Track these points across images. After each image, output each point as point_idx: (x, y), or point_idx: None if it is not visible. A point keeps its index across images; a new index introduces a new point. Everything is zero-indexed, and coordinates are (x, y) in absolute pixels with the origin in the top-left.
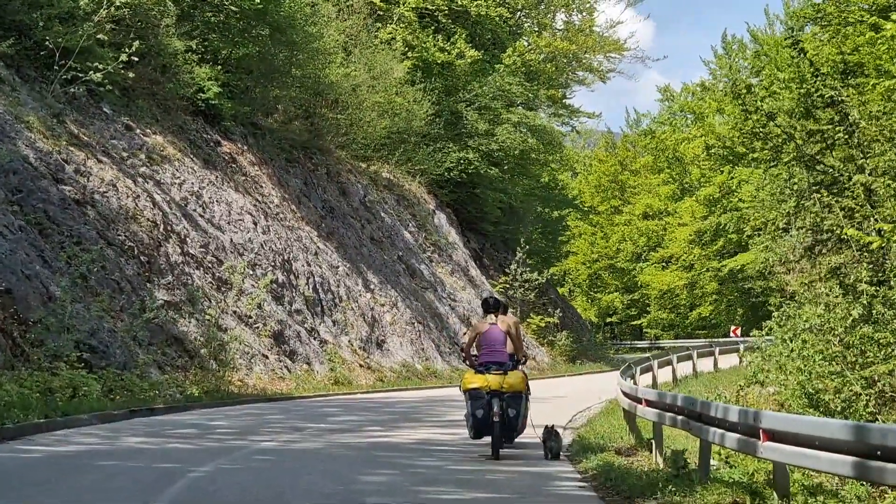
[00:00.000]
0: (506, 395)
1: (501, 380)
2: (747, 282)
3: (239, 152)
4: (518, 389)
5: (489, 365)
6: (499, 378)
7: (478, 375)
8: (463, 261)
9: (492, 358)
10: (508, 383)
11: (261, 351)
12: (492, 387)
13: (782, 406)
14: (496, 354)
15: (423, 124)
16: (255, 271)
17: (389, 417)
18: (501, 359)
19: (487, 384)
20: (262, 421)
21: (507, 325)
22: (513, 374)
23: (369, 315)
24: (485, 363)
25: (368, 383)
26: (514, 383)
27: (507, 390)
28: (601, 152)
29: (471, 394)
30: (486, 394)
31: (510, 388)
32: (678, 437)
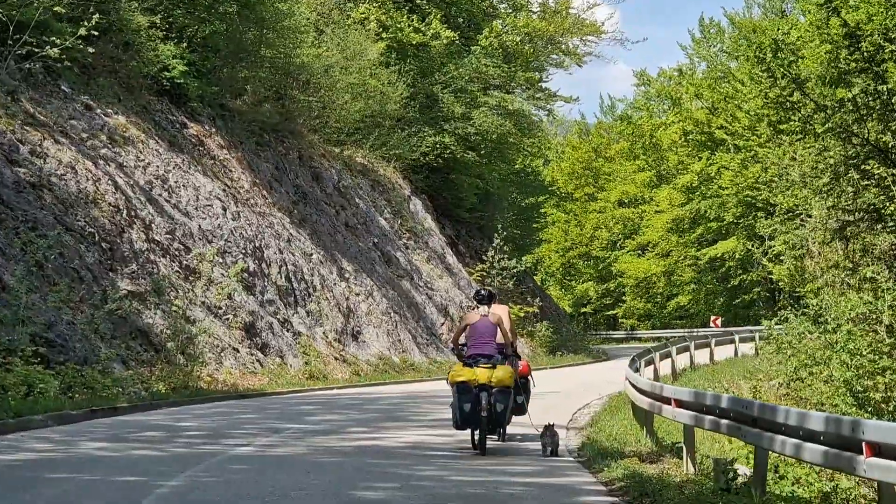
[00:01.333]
0: (494, 389)
1: (490, 374)
2: (730, 271)
3: (206, 135)
4: (506, 384)
5: (477, 358)
6: (487, 372)
7: (466, 368)
8: (439, 248)
9: (480, 351)
10: (497, 378)
11: (231, 344)
12: (480, 381)
13: (822, 405)
14: (485, 347)
15: (398, 107)
16: (224, 259)
17: (372, 416)
18: (490, 351)
19: (475, 378)
20: (235, 421)
21: (497, 317)
22: (501, 369)
23: (344, 305)
24: (473, 356)
25: (344, 377)
26: (502, 377)
27: (495, 385)
28: (574, 139)
29: (458, 387)
30: (473, 388)
31: (498, 382)
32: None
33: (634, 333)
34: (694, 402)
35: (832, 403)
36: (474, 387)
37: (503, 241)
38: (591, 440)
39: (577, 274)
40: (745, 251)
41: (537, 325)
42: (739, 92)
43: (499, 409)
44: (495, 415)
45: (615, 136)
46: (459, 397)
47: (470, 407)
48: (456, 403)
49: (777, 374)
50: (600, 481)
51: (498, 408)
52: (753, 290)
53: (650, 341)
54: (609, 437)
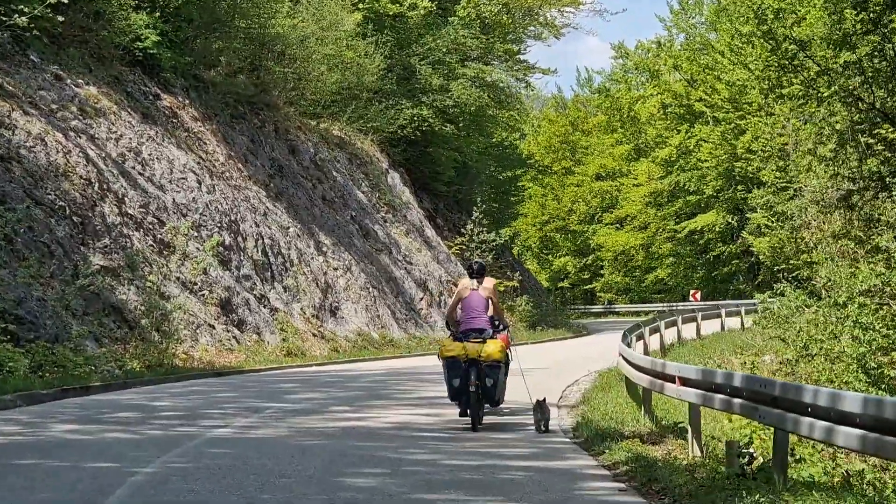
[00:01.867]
0: (483, 364)
1: (479, 348)
2: (709, 244)
3: (180, 106)
4: (496, 358)
5: (468, 332)
6: (476, 346)
7: (455, 343)
8: (418, 221)
9: (471, 325)
10: (486, 352)
11: (207, 320)
12: (469, 355)
13: (830, 383)
14: (476, 321)
15: (375, 79)
16: (199, 233)
17: (355, 395)
18: (481, 325)
19: (465, 352)
20: (212, 400)
21: (488, 290)
22: (491, 343)
23: (322, 280)
24: (464, 331)
25: (323, 354)
26: (491, 352)
27: (484, 359)
28: (551, 112)
29: (447, 363)
30: (462, 363)
31: (488, 357)
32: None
33: (613, 307)
34: (702, 379)
35: (842, 381)
36: (463, 362)
37: (482, 214)
38: (585, 419)
39: (555, 248)
40: (725, 224)
41: (517, 300)
42: (719, 63)
43: (488, 384)
44: (485, 390)
45: (593, 109)
46: (449, 373)
47: (459, 382)
48: (446, 379)
49: (780, 349)
50: (602, 464)
51: (488, 382)
52: (733, 262)
53: (628, 315)
54: (604, 415)
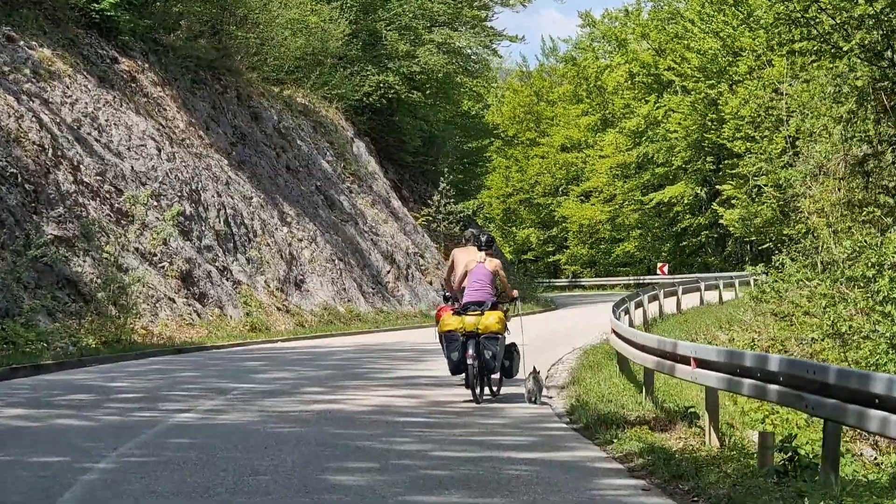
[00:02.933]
0: (481, 335)
1: (477, 321)
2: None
3: (139, 70)
4: (494, 330)
5: (468, 305)
6: (475, 319)
7: (454, 317)
8: (384, 192)
9: (473, 298)
10: (484, 325)
11: (167, 294)
12: (467, 328)
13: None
14: (479, 293)
15: (340, 45)
16: (159, 202)
17: (327, 374)
18: (483, 298)
19: (463, 326)
20: (174, 380)
21: (495, 263)
22: (490, 314)
23: (286, 251)
24: (464, 304)
25: (288, 329)
26: (489, 324)
27: (482, 331)
28: (514, 82)
29: (446, 336)
30: (461, 335)
31: (485, 329)
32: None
33: (578, 281)
34: (725, 362)
35: (869, 363)
36: (462, 335)
37: (449, 185)
38: (580, 402)
39: (519, 220)
40: (694, 196)
41: None
42: (689, 32)
43: (488, 356)
44: (485, 362)
45: (558, 78)
46: (448, 346)
47: (458, 356)
48: (445, 353)
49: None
50: (613, 456)
51: (486, 354)
52: (701, 234)
53: (594, 289)
54: (601, 398)
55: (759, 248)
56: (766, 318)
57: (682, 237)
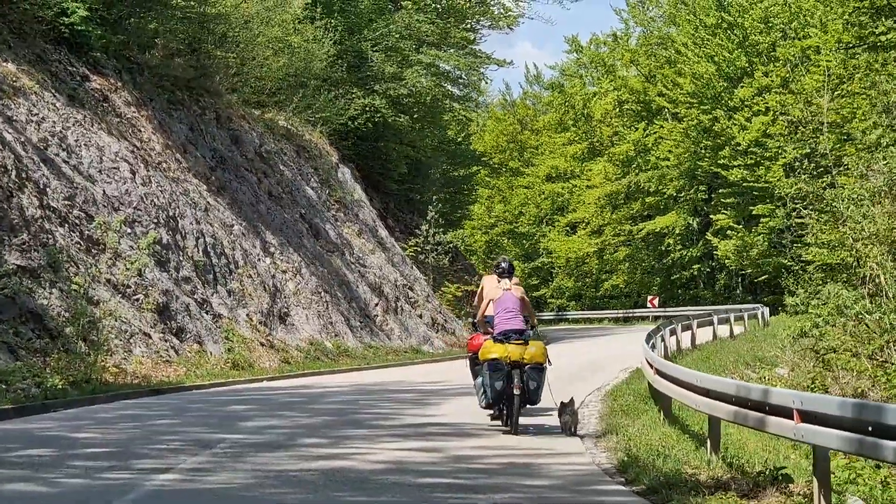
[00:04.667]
0: (527, 366)
1: (522, 350)
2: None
3: (112, 89)
4: (539, 361)
5: (508, 334)
6: (520, 349)
7: (497, 345)
8: (371, 220)
9: (509, 326)
10: (530, 354)
11: (141, 329)
12: (512, 358)
13: None
14: (512, 322)
15: (324, 66)
16: (133, 230)
17: (324, 420)
18: (520, 326)
19: (508, 355)
20: (150, 429)
21: (521, 290)
22: (534, 345)
23: (270, 283)
24: (504, 332)
25: (273, 366)
26: (535, 354)
27: (528, 362)
28: (497, 111)
29: (490, 364)
30: (506, 365)
31: (531, 359)
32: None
33: (564, 314)
34: (852, 417)
35: None
36: (506, 364)
37: (438, 213)
38: (631, 457)
39: (502, 252)
40: (686, 226)
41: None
42: (682, 56)
43: (532, 387)
44: (529, 393)
45: (543, 106)
46: (491, 375)
47: (502, 385)
48: (487, 382)
49: (851, 364)
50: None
51: (531, 385)
52: (693, 266)
53: (582, 323)
54: (651, 451)
55: (754, 280)
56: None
57: (673, 269)
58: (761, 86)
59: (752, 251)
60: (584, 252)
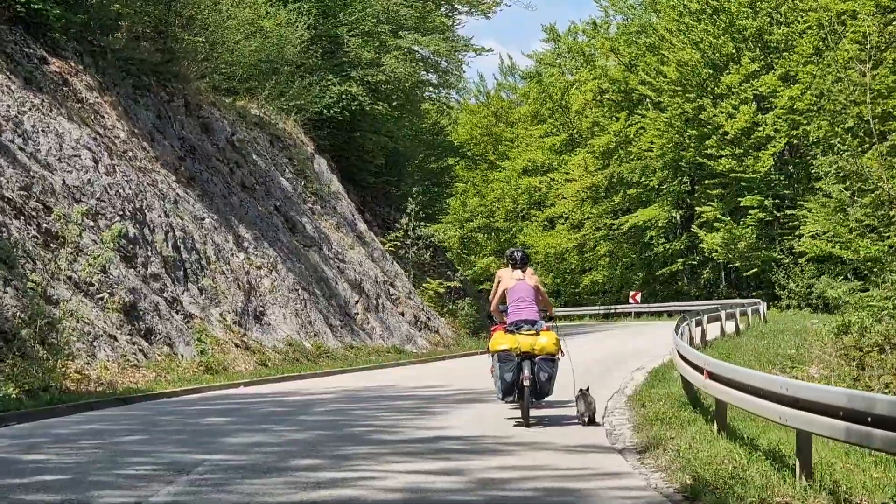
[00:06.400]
0: (537, 357)
1: (533, 341)
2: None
3: (72, 73)
4: (550, 351)
5: (519, 324)
6: (530, 339)
7: (508, 336)
8: (349, 213)
9: (521, 316)
10: (540, 345)
11: (106, 330)
12: (522, 348)
13: None
14: (525, 312)
15: (297, 51)
16: (96, 222)
17: (317, 435)
18: (532, 317)
19: (518, 346)
20: (114, 449)
21: (535, 279)
22: (545, 335)
23: (244, 280)
24: (515, 322)
25: (249, 369)
26: (546, 345)
27: (538, 352)
28: (470, 103)
29: (500, 356)
30: (516, 356)
31: (542, 350)
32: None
33: None
34: None
35: None
36: (517, 355)
37: (419, 205)
38: (698, 480)
39: (477, 248)
40: (669, 219)
41: (458, 303)
42: (666, 42)
43: (543, 378)
44: (539, 384)
45: (519, 98)
46: (501, 367)
47: (512, 376)
48: (497, 373)
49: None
50: None
51: (542, 377)
52: (677, 260)
53: (562, 320)
54: (717, 470)
55: (742, 274)
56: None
57: (655, 264)
58: (748, 72)
59: (741, 244)
60: (563, 247)
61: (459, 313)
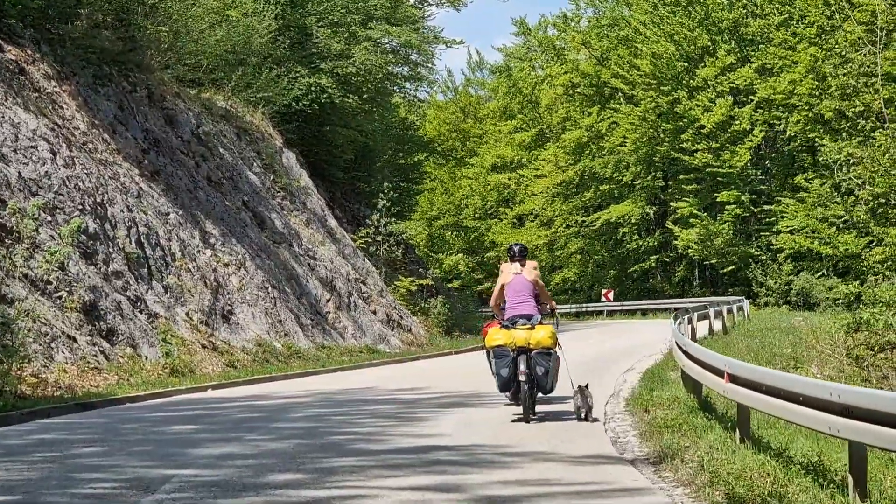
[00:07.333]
0: (533, 351)
1: (528, 335)
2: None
3: (29, 61)
4: (546, 345)
5: (515, 319)
6: (525, 333)
7: (503, 331)
8: (319, 209)
9: (517, 311)
10: (536, 339)
11: (65, 331)
12: (517, 343)
13: None
14: (522, 307)
15: (265, 42)
16: (54, 217)
17: (295, 445)
18: (528, 311)
19: (513, 341)
20: (71, 463)
21: (534, 273)
22: (541, 328)
23: (211, 278)
24: (511, 317)
25: (217, 371)
26: (541, 339)
27: (534, 347)
28: (437, 99)
29: (495, 351)
30: (511, 351)
31: (538, 344)
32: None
33: None
34: None
35: None
36: (512, 350)
37: (391, 201)
38: (733, 499)
39: (445, 246)
40: (642, 215)
41: (431, 301)
42: (639, 35)
43: (539, 373)
44: (536, 379)
45: (488, 92)
46: (497, 362)
47: (508, 372)
48: (493, 369)
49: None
50: None
51: (539, 371)
52: (650, 257)
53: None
54: (750, 485)
55: (719, 271)
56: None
57: (627, 262)
58: (724, 65)
59: (717, 240)
60: (533, 244)
61: (432, 312)
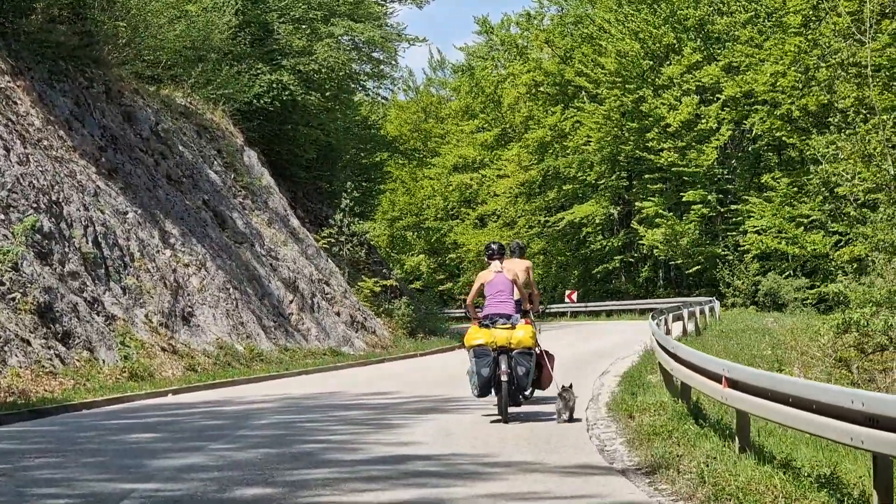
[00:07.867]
0: (514, 351)
1: (509, 335)
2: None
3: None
4: (527, 345)
5: (494, 318)
6: (506, 333)
7: (483, 330)
8: (281, 208)
9: (497, 310)
10: (517, 339)
11: (18, 334)
12: (498, 343)
13: None
14: (502, 306)
15: (225, 37)
16: (7, 215)
17: (262, 455)
18: (508, 310)
19: (493, 340)
20: (22, 478)
21: (513, 272)
22: (521, 328)
23: (171, 279)
24: (489, 315)
25: (177, 374)
26: (522, 339)
27: (514, 346)
28: (398, 98)
29: (475, 351)
30: (492, 350)
31: (518, 343)
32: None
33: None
34: None
35: None
36: (493, 350)
37: (354, 201)
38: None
39: (407, 246)
40: (606, 215)
41: (395, 302)
42: (605, 32)
43: (520, 373)
44: (517, 379)
45: (450, 92)
46: (477, 362)
47: (489, 372)
48: (474, 369)
49: None
50: None
51: (519, 371)
52: (615, 257)
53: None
54: (758, 499)
55: (684, 272)
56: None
57: (591, 262)
58: (690, 63)
59: (683, 240)
60: None
61: (396, 313)
